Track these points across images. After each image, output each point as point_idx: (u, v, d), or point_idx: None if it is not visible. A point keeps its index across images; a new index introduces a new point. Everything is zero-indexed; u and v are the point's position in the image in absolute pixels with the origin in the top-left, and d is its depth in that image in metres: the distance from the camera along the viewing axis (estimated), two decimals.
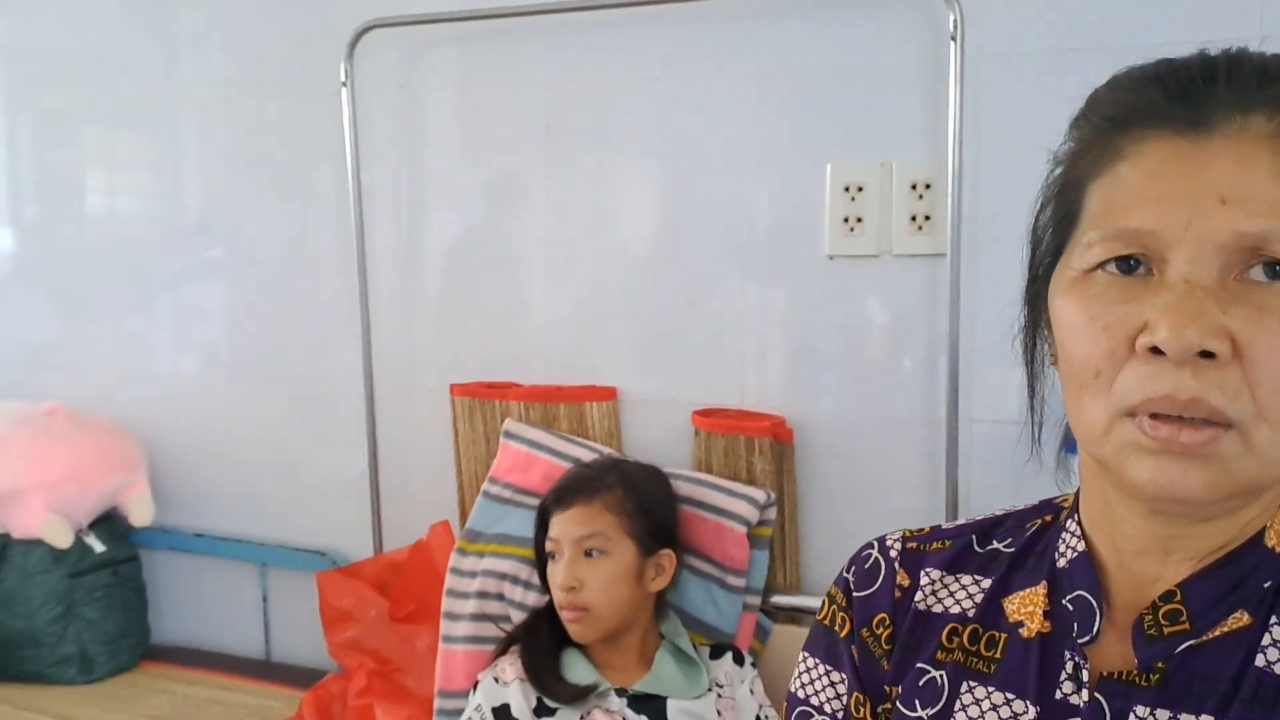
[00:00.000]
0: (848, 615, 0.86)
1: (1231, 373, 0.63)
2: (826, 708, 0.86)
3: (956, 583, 0.83)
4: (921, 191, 1.84)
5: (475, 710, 1.72)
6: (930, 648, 0.81)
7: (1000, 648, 0.78)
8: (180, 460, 2.60)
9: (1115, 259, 0.67)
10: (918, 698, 0.80)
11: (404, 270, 2.31)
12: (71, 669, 2.33)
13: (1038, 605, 0.78)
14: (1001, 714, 0.75)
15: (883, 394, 1.93)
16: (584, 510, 1.75)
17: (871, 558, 0.87)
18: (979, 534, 0.85)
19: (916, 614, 0.83)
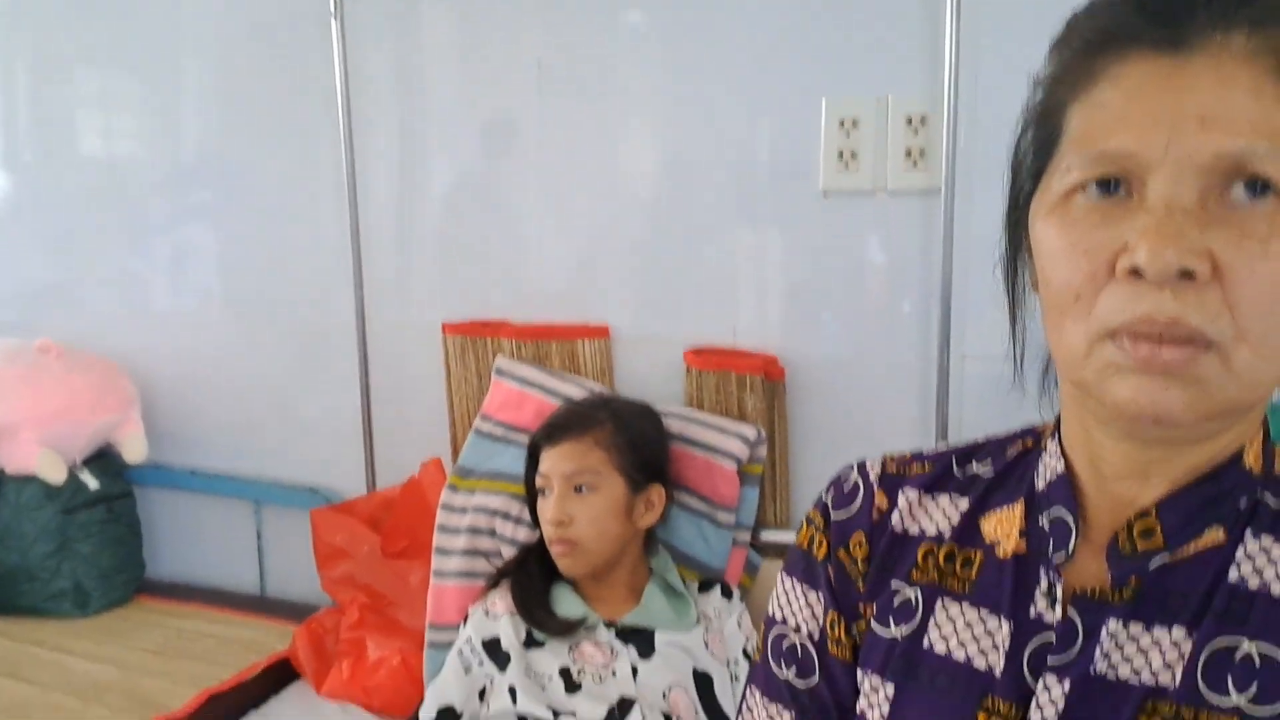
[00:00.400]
0: (825, 537, 0.86)
1: (1211, 294, 0.62)
2: (804, 628, 0.86)
3: (934, 504, 0.83)
4: (917, 126, 1.82)
5: (466, 642, 1.74)
6: (905, 567, 0.81)
7: (975, 567, 0.78)
8: (174, 398, 2.60)
9: (1095, 181, 0.66)
10: (891, 615, 0.80)
11: (397, 209, 2.30)
12: (66, 603, 2.34)
13: (1014, 525, 0.78)
14: (975, 631, 0.75)
15: (875, 331, 1.93)
16: (574, 446, 1.75)
17: (851, 480, 0.87)
18: (959, 457, 0.85)
19: (893, 535, 0.83)
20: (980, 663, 0.74)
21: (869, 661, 0.81)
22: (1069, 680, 0.70)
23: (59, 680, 2.03)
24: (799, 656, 0.85)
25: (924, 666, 0.77)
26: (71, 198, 2.66)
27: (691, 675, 1.68)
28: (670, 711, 1.62)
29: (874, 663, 0.80)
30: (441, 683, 1.71)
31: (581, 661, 1.67)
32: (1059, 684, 0.70)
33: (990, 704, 0.72)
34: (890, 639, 0.79)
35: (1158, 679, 0.67)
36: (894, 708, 0.77)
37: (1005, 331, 1.86)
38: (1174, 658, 0.68)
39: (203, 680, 2.00)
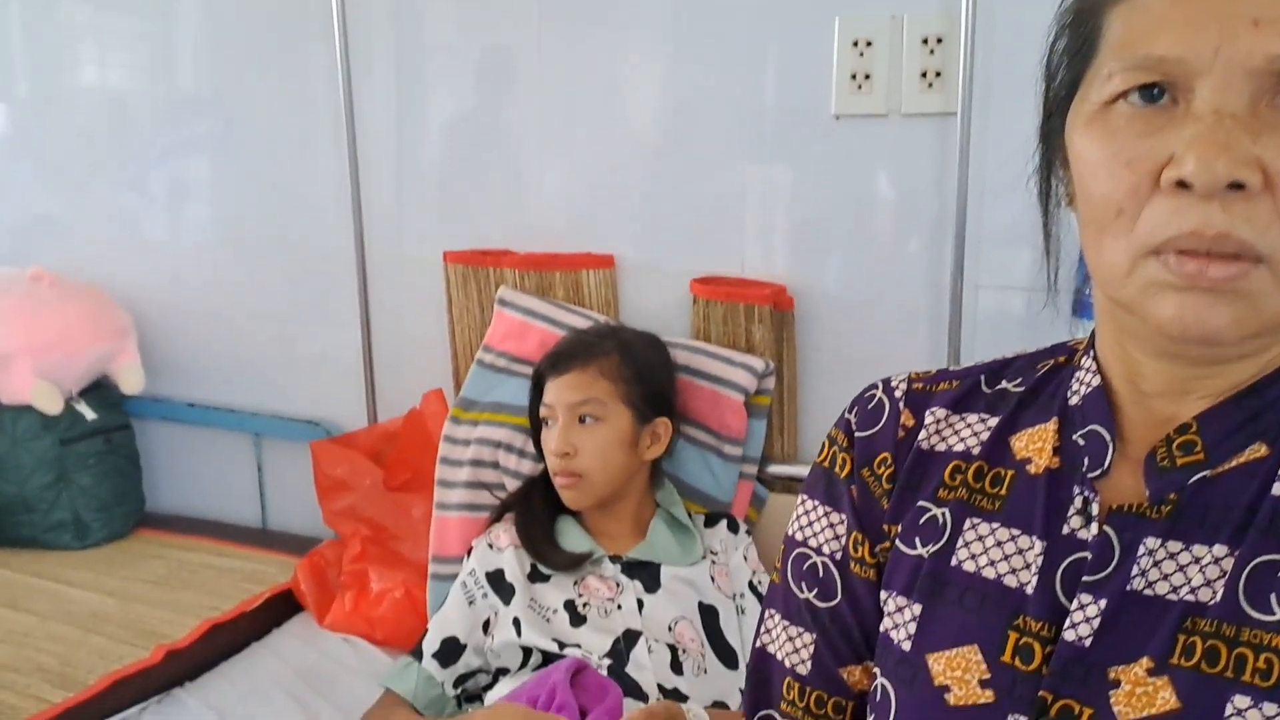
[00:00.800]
0: (848, 455, 0.84)
1: (1262, 205, 0.59)
2: (825, 549, 0.84)
3: (962, 421, 0.80)
4: (933, 46, 1.76)
5: (469, 575, 1.72)
6: (931, 486, 0.79)
7: (1006, 484, 0.76)
8: (172, 330, 2.57)
9: (1138, 89, 0.63)
10: (917, 535, 0.78)
11: (396, 139, 2.24)
12: (66, 535, 2.32)
13: (1047, 442, 0.75)
14: (1006, 550, 0.73)
15: (887, 260, 1.88)
16: (580, 376, 1.72)
17: (875, 398, 0.85)
18: (987, 374, 0.82)
19: (919, 453, 0.80)
20: (1011, 581, 0.72)
21: (893, 581, 0.79)
22: (1105, 598, 0.67)
23: (59, 610, 2.01)
24: (820, 577, 0.83)
25: (952, 585, 0.75)
26: (66, 130, 2.62)
27: (697, 608, 1.66)
28: (676, 643, 1.61)
29: (899, 583, 0.78)
30: (445, 615, 1.70)
31: (587, 595, 1.65)
32: (1095, 602, 0.68)
33: (1022, 623, 0.70)
34: (916, 558, 0.77)
35: (1197, 595, 0.65)
36: (920, 627, 0.75)
37: (1022, 260, 1.83)
38: (1214, 574, 0.65)
39: (204, 611, 1.99)
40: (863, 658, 0.82)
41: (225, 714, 1.72)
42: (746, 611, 1.71)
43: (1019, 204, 1.79)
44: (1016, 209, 1.78)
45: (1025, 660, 0.70)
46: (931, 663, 0.73)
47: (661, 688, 1.55)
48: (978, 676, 0.71)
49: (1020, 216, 1.78)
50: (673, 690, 1.55)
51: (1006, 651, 0.70)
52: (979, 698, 0.71)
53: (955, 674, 0.72)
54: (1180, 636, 0.64)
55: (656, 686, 1.55)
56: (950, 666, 0.72)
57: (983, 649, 0.71)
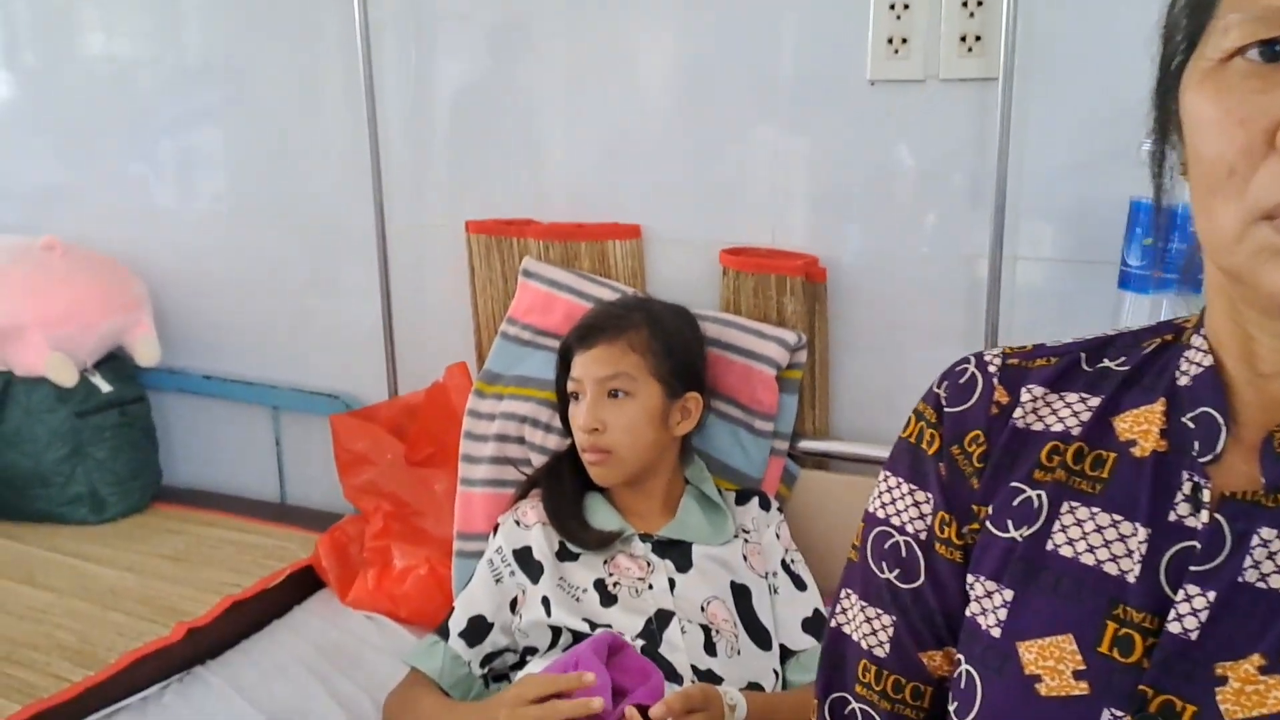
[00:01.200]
0: (937, 431, 0.80)
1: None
2: (908, 528, 0.80)
3: (1061, 400, 0.76)
4: (973, 9, 1.71)
5: (496, 552, 1.68)
6: (1027, 467, 0.75)
7: (1108, 467, 0.71)
8: (187, 301, 2.53)
9: (1258, 44, 0.59)
10: (1010, 517, 0.74)
11: (415, 106, 2.20)
12: (83, 509, 2.29)
13: (1154, 423, 0.71)
14: (1106, 535, 0.69)
15: (923, 231, 1.84)
16: (608, 349, 1.67)
17: (967, 373, 0.80)
18: (1088, 352, 0.78)
19: (1014, 431, 0.76)
20: (1111, 568, 0.68)
21: (982, 565, 0.75)
22: (1214, 590, 0.64)
23: (76, 586, 1.99)
24: (902, 558, 0.80)
25: (1047, 571, 0.71)
26: (76, 98, 2.58)
27: (730, 588, 1.63)
28: (709, 624, 1.57)
29: (988, 567, 0.74)
30: (471, 593, 1.66)
31: (617, 574, 1.62)
32: (1203, 593, 0.64)
33: (1121, 613, 0.67)
34: (1008, 541, 0.74)
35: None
36: (1012, 613, 0.72)
37: (1061, 231, 1.78)
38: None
39: (224, 588, 1.96)
40: (944, 642, 0.79)
41: (248, 693, 1.69)
42: (779, 591, 1.67)
43: (1061, 173, 1.75)
44: (1058, 178, 1.75)
45: (1124, 652, 0.66)
46: (1022, 651, 0.70)
47: (695, 669, 1.52)
48: (1072, 667, 0.68)
49: (1062, 186, 1.75)
50: (706, 672, 1.52)
51: (1104, 642, 0.67)
52: (1072, 689, 0.67)
53: (1048, 663, 0.69)
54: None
55: (690, 668, 1.51)
56: (1043, 655, 0.69)
57: (1078, 638, 0.68)
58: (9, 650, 1.76)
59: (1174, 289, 1.52)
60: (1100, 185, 1.69)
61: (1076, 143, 1.69)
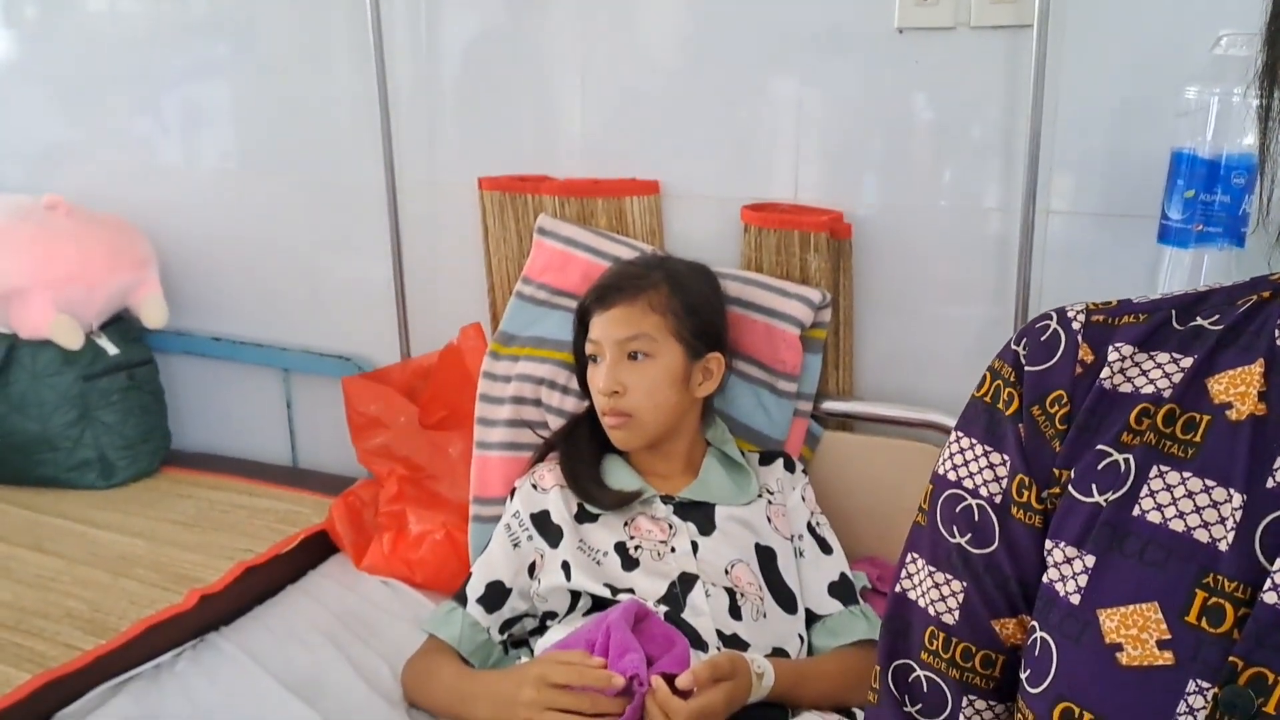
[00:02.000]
0: (1016, 391, 0.76)
1: None
2: (982, 491, 0.77)
3: (1151, 360, 0.72)
4: None
5: (514, 516, 1.65)
6: (1114, 430, 0.71)
7: (1201, 430, 0.68)
8: (194, 261, 2.49)
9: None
10: (1095, 482, 0.70)
11: (426, 60, 2.14)
12: (91, 474, 2.26)
13: (1252, 385, 0.67)
14: (1198, 501, 0.65)
15: (952, 186, 1.78)
16: (627, 310, 1.62)
17: (1049, 329, 0.76)
18: (1179, 309, 0.73)
19: (1100, 392, 0.72)
20: (1202, 535, 0.65)
21: (1063, 531, 0.71)
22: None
23: (86, 553, 1.95)
24: (975, 522, 0.77)
25: (1133, 537, 0.67)
26: (78, 53, 2.52)
27: (754, 550, 1.59)
28: (734, 586, 1.54)
29: (1070, 532, 0.70)
30: (489, 558, 1.63)
31: (639, 537, 1.58)
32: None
33: (1212, 581, 0.63)
34: (1093, 506, 0.70)
35: None
36: (1093, 580, 0.68)
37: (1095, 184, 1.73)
38: None
39: (237, 553, 1.93)
40: (1018, 610, 0.76)
41: (264, 660, 1.66)
42: (805, 554, 1.64)
43: (1096, 124, 1.69)
44: (1093, 130, 1.69)
45: (1214, 622, 0.62)
46: (1103, 619, 0.67)
47: (720, 634, 1.48)
48: (1156, 636, 0.64)
49: (1097, 138, 1.69)
50: (731, 636, 1.48)
51: (1192, 611, 0.63)
52: (1156, 659, 0.64)
53: (1130, 632, 0.65)
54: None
55: (715, 633, 1.48)
56: (1125, 624, 0.66)
57: (1163, 607, 0.65)
58: (18, 619, 1.73)
59: (1217, 243, 1.47)
60: (1137, 136, 1.63)
61: (1112, 92, 1.64)
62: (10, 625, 1.71)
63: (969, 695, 0.79)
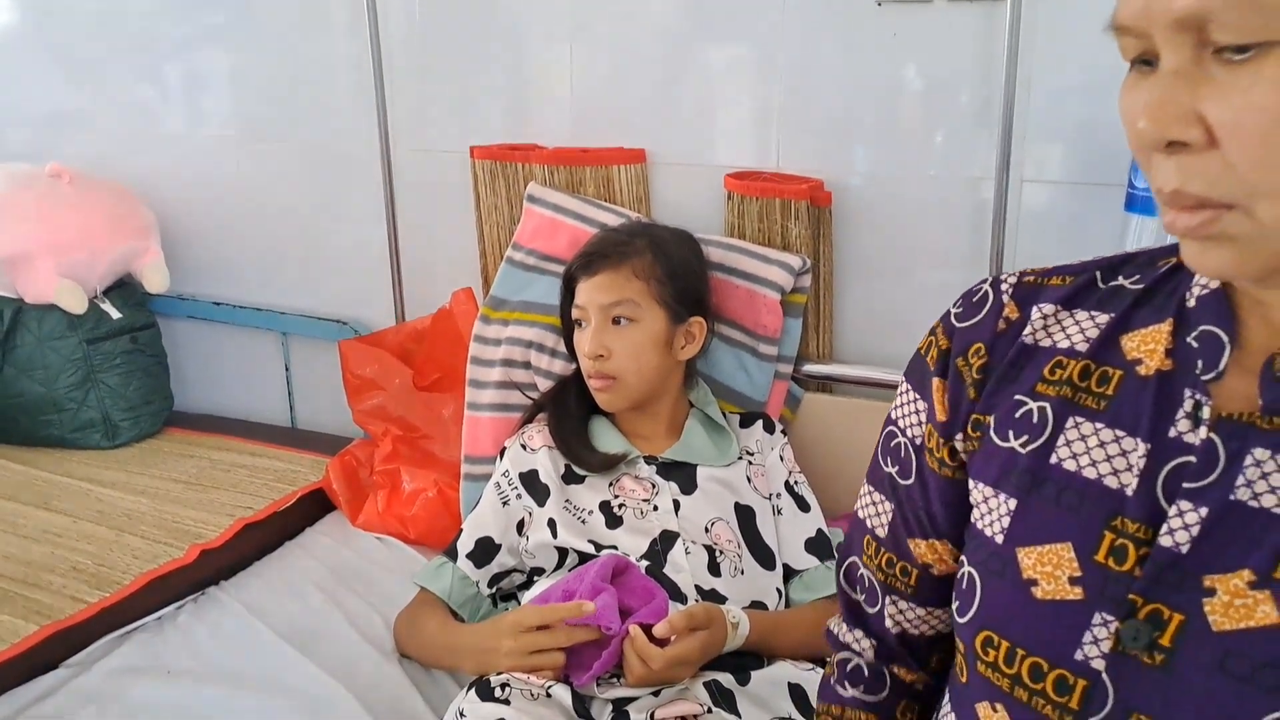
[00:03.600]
0: (942, 345, 0.85)
1: (1210, 160, 0.60)
2: (909, 431, 0.88)
3: (1071, 318, 0.79)
4: None
5: (503, 475, 1.70)
6: (1030, 381, 0.78)
7: (1113, 384, 0.74)
8: (195, 227, 2.54)
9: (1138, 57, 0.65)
10: (1012, 429, 0.78)
11: (419, 31, 2.18)
12: (96, 434, 2.32)
13: (1160, 342, 0.73)
14: (1109, 450, 0.72)
15: (929, 154, 1.82)
16: (611, 276, 1.67)
17: (981, 291, 0.85)
18: (1104, 270, 0.80)
19: (1022, 347, 0.80)
20: (1112, 482, 0.71)
21: (984, 473, 0.80)
22: (1206, 506, 0.66)
23: (91, 510, 2.02)
24: (901, 457, 0.89)
25: (1050, 482, 0.74)
26: (80, 21, 2.55)
27: (734, 509, 1.64)
28: (713, 545, 1.59)
29: (988, 475, 0.79)
30: (479, 515, 1.68)
31: (622, 496, 1.64)
32: (1195, 509, 0.66)
33: (1119, 524, 0.70)
34: (1009, 451, 0.77)
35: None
36: (1014, 521, 0.76)
37: (1069, 153, 1.77)
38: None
39: (236, 511, 1.99)
40: (928, 535, 0.88)
41: (262, 612, 1.72)
42: (783, 512, 1.69)
43: (1068, 96, 1.73)
44: (1065, 101, 1.73)
45: (1119, 561, 0.69)
46: (1022, 556, 0.74)
47: (699, 589, 1.54)
48: (1068, 573, 0.71)
49: (1069, 109, 1.73)
50: (710, 591, 1.54)
51: (1100, 551, 0.70)
52: (1067, 594, 0.71)
53: (1045, 569, 0.72)
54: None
55: (694, 588, 1.54)
56: (1041, 561, 0.73)
57: (1076, 547, 0.71)
58: (26, 573, 1.79)
59: None
60: (1108, 108, 1.64)
61: (1084, 65, 1.67)
62: (19, 579, 1.77)
63: (891, 595, 0.93)
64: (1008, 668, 0.73)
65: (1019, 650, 0.73)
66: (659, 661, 1.35)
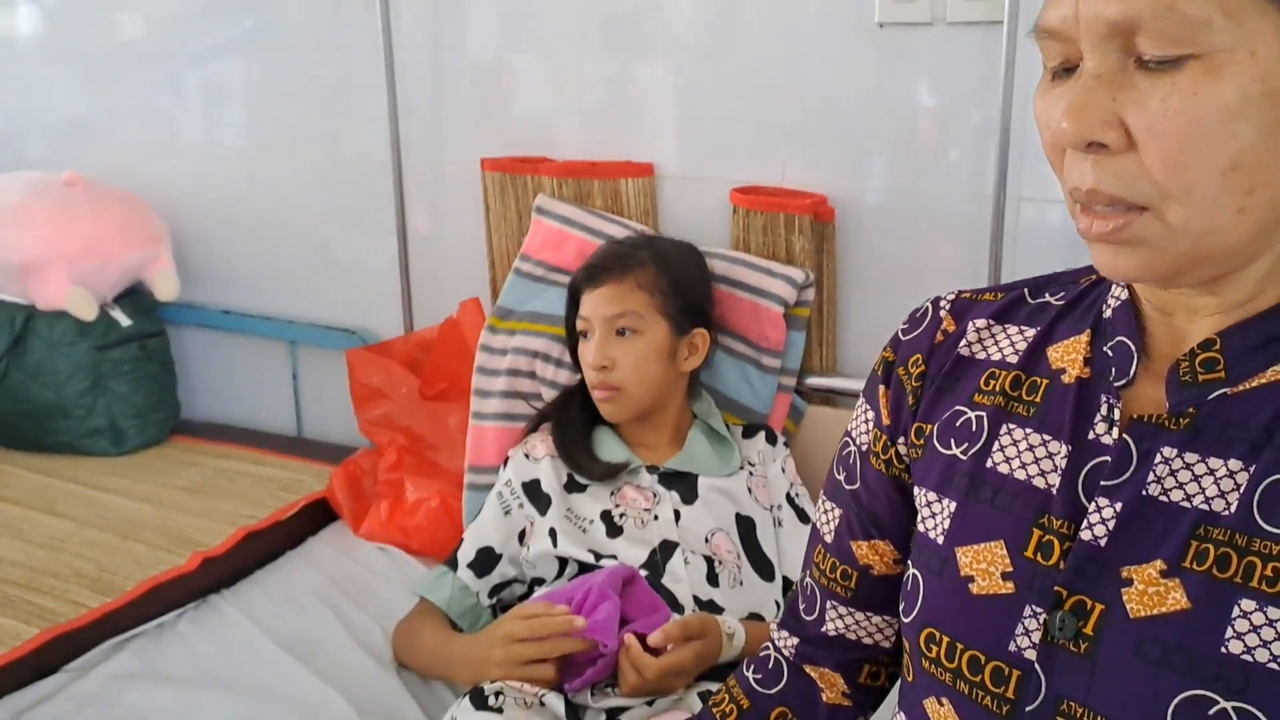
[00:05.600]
0: (890, 356, 0.90)
1: (1126, 161, 0.64)
2: (859, 439, 0.92)
3: (1003, 331, 0.84)
4: None
5: (505, 485, 1.71)
6: (968, 391, 0.83)
7: (1040, 392, 0.80)
8: (206, 237, 2.55)
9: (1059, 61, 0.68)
10: (953, 437, 0.82)
11: (432, 42, 2.19)
12: (103, 441, 2.33)
13: (1079, 352, 0.79)
14: (1037, 453, 0.77)
15: (929, 172, 1.83)
16: (616, 288, 1.68)
17: (924, 308, 0.90)
18: (1032, 288, 0.86)
19: (958, 359, 0.85)
20: (1040, 482, 0.76)
21: (926, 479, 0.84)
22: (1120, 501, 0.71)
23: (95, 516, 2.03)
24: (850, 464, 0.93)
25: (986, 485, 0.79)
26: (99, 32, 2.58)
27: (734, 520, 1.65)
28: (713, 555, 1.60)
29: (932, 480, 0.83)
30: (480, 524, 1.69)
31: (623, 505, 1.64)
32: (1111, 504, 0.71)
33: (1046, 521, 0.74)
34: (950, 458, 0.82)
35: (1210, 505, 0.68)
36: (954, 523, 0.80)
37: None
38: (1228, 486, 0.68)
39: (240, 519, 1.99)
40: (870, 536, 0.91)
41: (262, 621, 1.73)
42: (784, 524, 1.69)
43: None
44: None
45: (1046, 556, 0.74)
46: (960, 555, 0.79)
47: (697, 599, 1.54)
48: (1001, 569, 0.76)
49: None
50: (708, 602, 1.55)
51: (1030, 547, 0.75)
52: (1000, 588, 0.75)
53: (981, 566, 0.77)
54: (1193, 542, 0.67)
55: (692, 598, 1.54)
56: (977, 559, 0.77)
57: (1008, 544, 0.76)
58: (29, 577, 1.80)
59: None
60: None
61: None
62: (22, 583, 1.78)
63: (831, 600, 0.95)
64: (949, 662, 0.77)
65: (958, 645, 0.77)
66: (653, 671, 1.36)
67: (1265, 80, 0.61)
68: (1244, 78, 0.61)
